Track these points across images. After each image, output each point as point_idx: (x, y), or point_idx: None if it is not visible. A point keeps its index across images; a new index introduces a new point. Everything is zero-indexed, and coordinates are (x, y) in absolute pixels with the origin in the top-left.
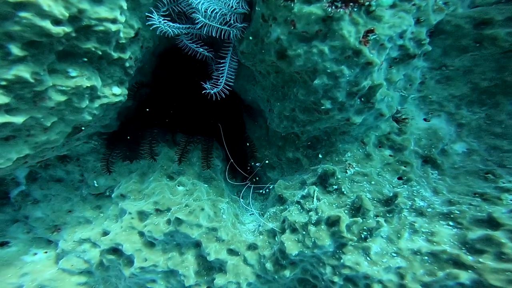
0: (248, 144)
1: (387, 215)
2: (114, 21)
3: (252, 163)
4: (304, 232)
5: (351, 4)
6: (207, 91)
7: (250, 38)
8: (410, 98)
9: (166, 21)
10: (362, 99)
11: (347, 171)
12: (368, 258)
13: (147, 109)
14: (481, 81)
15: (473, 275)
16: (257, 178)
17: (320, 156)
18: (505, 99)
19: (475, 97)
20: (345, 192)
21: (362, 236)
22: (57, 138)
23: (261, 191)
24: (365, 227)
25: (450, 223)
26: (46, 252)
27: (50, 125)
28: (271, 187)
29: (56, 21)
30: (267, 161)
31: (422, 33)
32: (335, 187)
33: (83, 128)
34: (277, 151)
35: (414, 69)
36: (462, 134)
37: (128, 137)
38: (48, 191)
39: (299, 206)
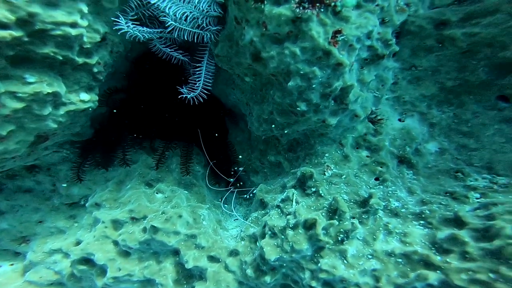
0: (229, 148)
1: (363, 216)
2: (73, 25)
3: (236, 168)
4: (282, 237)
5: (317, 4)
6: (184, 96)
7: (225, 41)
8: (384, 99)
9: (135, 25)
10: (336, 100)
11: (325, 173)
12: (345, 261)
13: (122, 115)
14: (447, 81)
15: (440, 276)
16: (241, 183)
17: (299, 159)
18: (469, 98)
19: (443, 97)
20: (322, 195)
21: (339, 238)
22: (17, 148)
23: (245, 196)
24: (341, 230)
25: (422, 222)
26: (12, 264)
27: (6, 134)
28: (255, 191)
29: (1, 25)
30: (250, 166)
31: (388, 33)
32: (314, 189)
33: (49, 136)
34: (259, 155)
35: (385, 70)
36: (434, 133)
37: (102, 145)
38: (15, 201)
39: (279, 210)
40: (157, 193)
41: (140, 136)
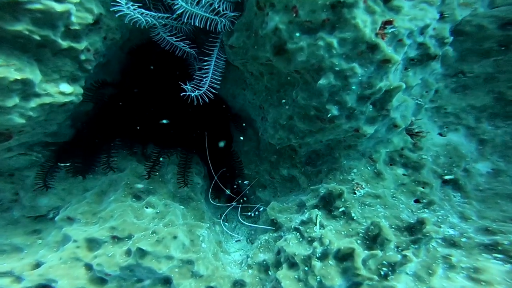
0: (234, 159)
1: (412, 246)
2: None
3: (239, 181)
4: (306, 268)
5: None
6: (187, 94)
7: (242, 30)
8: (423, 109)
9: (136, 7)
10: (376, 105)
11: (356, 192)
12: None
13: (110, 114)
14: (507, 90)
15: None
16: (244, 199)
17: (321, 174)
18: None
19: (499, 109)
20: (355, 218)
21: (382, 273)
22: None
23: (249, 213)
24: (385, 262)
25: (498, 256)
26: None
27: None
28: (261, 209)
29: None
30: (257, 179)
31: (446, 30)
32: (342, 210)
33: (12, 134)
34: (269, 168)
35: (432, 73)
36: (485, 151)
37: (83, 148)
38: None
39: (297, 234)
40: (146, 208)
41: (131, 140)
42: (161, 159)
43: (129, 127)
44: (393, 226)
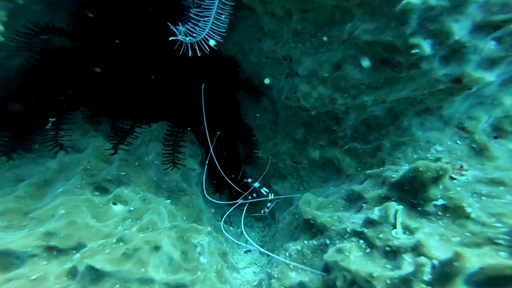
0: (245, 134)
1: None
2: None
3: (245, 168)
4: None
5: None
6: (178, 39)
7: None
8: None
9: None
10: (504, 40)
11: (454, 176)
12: None
13: (60, 72)
14: None
15: None
16: (254, 194)
17: (380, 151)
18: None
19: None
20: (473, 215)
21: None
22: None
23: (263, 212)
24: None
25: None
26: None
27: None
28: (268, 205)
29: None
30: (273, 166)
31: None
32: (443, 204)
33: None
34: (292, 148)
35: None
36: None
37: (14, 116)
38: None
39: (361, 241)
40: (114, 204)
41: (94, 109)
42: (137, 131)
43: (88, 91)
44: None
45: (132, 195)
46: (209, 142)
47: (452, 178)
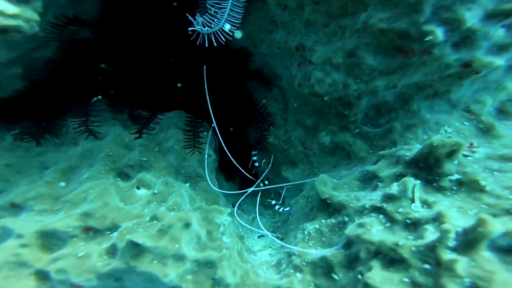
0: (259, 121)
1: None
2: None
3: (255, 156)
4: (427, 266)
5: None
6: (196, 30)
7: None
8: None
9: None
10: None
11: (465, 153)
12: None
13: (85, 63)
14: None
15: None
16: (266, 182)
17: (391, 133)
18: None
19: None
20: (488, 188)
21: None
22: None
23: (272, 200)
24: None
25: None
26: None
27: None
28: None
29: None
30: (283, 152)
31: None
32: (458, 179)
33: None
34: (303, 135)
35: None
36: None
37: (39, 103)
38: None
39: (380, 215)
40: (138, 188)
41: (115, 100)
42: (159, 117)
43: (109, 82)
44: None
45: (154, 179)
46: (217, 131)
47: (464, 156)
